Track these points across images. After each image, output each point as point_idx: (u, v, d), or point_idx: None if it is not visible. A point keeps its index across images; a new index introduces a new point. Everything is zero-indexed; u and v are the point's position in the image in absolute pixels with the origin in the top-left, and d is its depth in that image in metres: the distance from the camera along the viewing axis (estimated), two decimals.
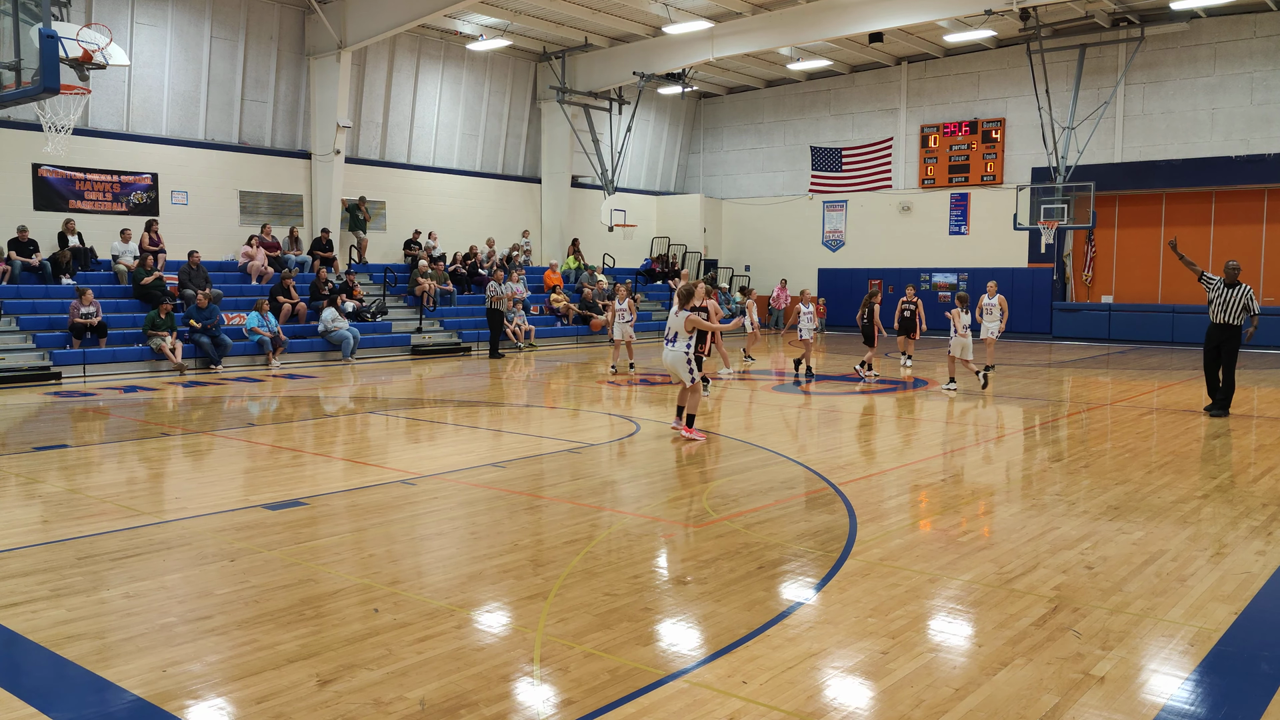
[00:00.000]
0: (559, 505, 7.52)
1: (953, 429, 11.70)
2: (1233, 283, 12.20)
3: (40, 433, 11.37)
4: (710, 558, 6.01)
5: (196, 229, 20.98)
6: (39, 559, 5.95)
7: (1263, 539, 6.48)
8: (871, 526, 6.77)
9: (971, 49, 27.53)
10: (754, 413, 12.59)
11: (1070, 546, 6.27)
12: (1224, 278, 12.27)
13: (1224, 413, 12.24)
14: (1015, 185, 25.98)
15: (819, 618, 4.97)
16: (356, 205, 23.64)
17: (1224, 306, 12.17)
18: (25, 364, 15.86)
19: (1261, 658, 4.57)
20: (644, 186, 32.62)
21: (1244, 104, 23.82)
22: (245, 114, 22.32)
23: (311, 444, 10.08)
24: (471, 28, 24.93)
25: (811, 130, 31.15)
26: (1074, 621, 4.91)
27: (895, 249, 29.36)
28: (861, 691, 4.13)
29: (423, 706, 3.93)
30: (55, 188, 19.16)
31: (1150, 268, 25.73)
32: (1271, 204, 24.04)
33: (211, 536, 6.53)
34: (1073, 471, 8.81)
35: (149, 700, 4.00)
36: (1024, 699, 4.02)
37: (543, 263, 28.60)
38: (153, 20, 20.40)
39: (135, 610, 5.05)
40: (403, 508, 7.36)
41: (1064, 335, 26.27)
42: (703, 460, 9.35)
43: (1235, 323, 12.18)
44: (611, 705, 3.94)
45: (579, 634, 4.72)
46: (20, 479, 8.37)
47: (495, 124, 27.76)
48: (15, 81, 8.35)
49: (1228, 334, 12.19)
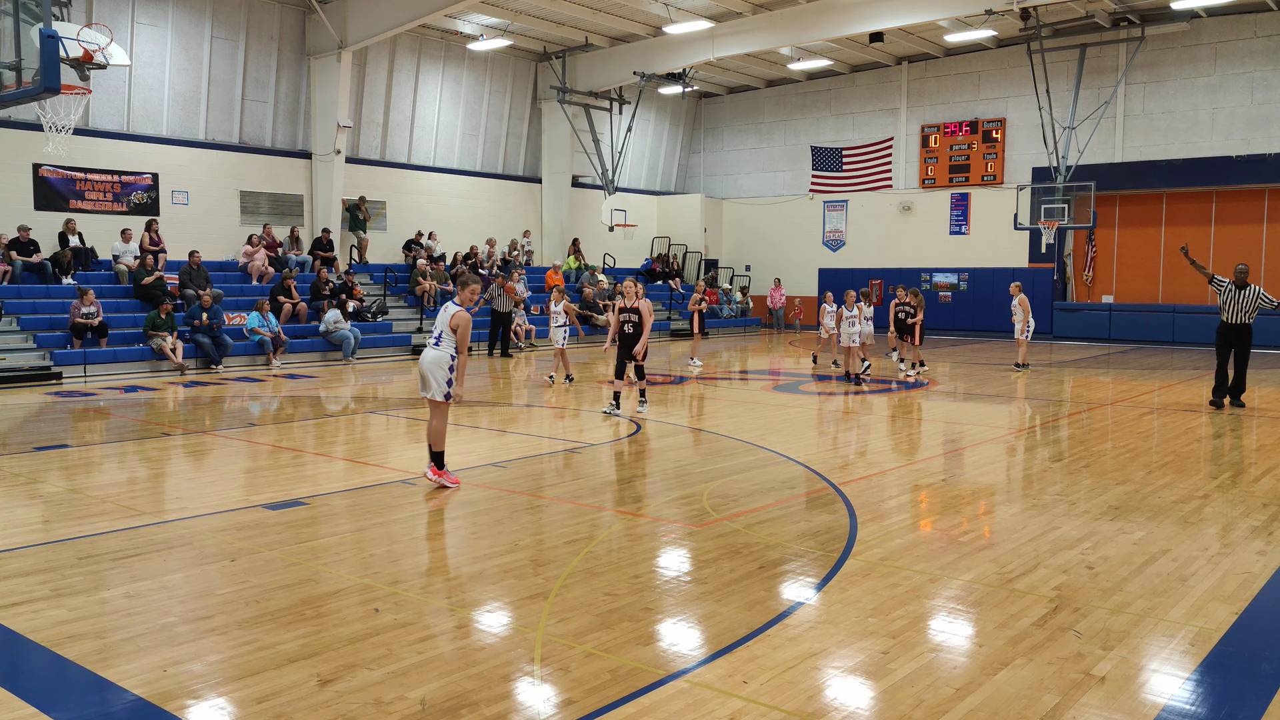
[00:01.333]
0: (559, 505, 7.51)
1: (953, 429, 11.70)
2: (1243, 284, 12.88)
3: (41, 433, 11.37)
4: (710, 558, 6.01)
5: (197, 229, 20.99)
6: (40, 559, 5.95)
7: (1263, 539, 6.48)
8: (872, 526, 6.77)
9: (972, 49, 27.53)
10: (754, 413, 12.58)
11: (1071, 546, 6.27)
12: (1234, 280, 12.92)
13: (1240, 404, 12.98)
14: (1016, 185, 25.98)
15: (819, 618, 4.97)
16: (357, 205, 23.65)
17: (1237, 307, 12.81)
18: (26, 364, 15.87)
19: (1262, 658, 4.56)
20: (644, 186, 32.62)
21: (1244, 104, 23.81)
22: (246, 114, 22.32)
23: (312, 444, 10.07)
24: (472, 28, 24.94)
25: (812, 130, 31.14)
26: (1075, 621, 4.90)
27: (896, 249, 29.36)
28: (862, 691, 4.13)
29: (423, 706, 3.93)
30: (56, 188, 19.16)
31: (1151, 268, 25.72)
32: (1272, 204, 24.03)
33: (212, 536, 6.53)
34: (1073, 471, 8.81)
35: (150, 700, 4.00)
36: (1025, 699, 4.02)
37: (543, 263, 28.60)
38: (153, 20, 20.40)
39: (136, 610, 5.05)
40: (403, 508, 7.36)
41: (1065, 335, 26.26)
42: (703, 460, 9.35)
43: (1248, 321, 12.85)
44: (612, 705, 3.94)
45: (579, 634, 4.72)
46: (21, 479, 8.37)
47: (496, 124, 27.76)
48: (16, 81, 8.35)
49: (1241, 332, 12.88)
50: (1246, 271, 12.95)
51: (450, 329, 7.85)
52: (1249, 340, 12.91)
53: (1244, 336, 12.87)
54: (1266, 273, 23.89)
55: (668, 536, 6.59)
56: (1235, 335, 12.86)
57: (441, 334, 7.93)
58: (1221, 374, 13.00)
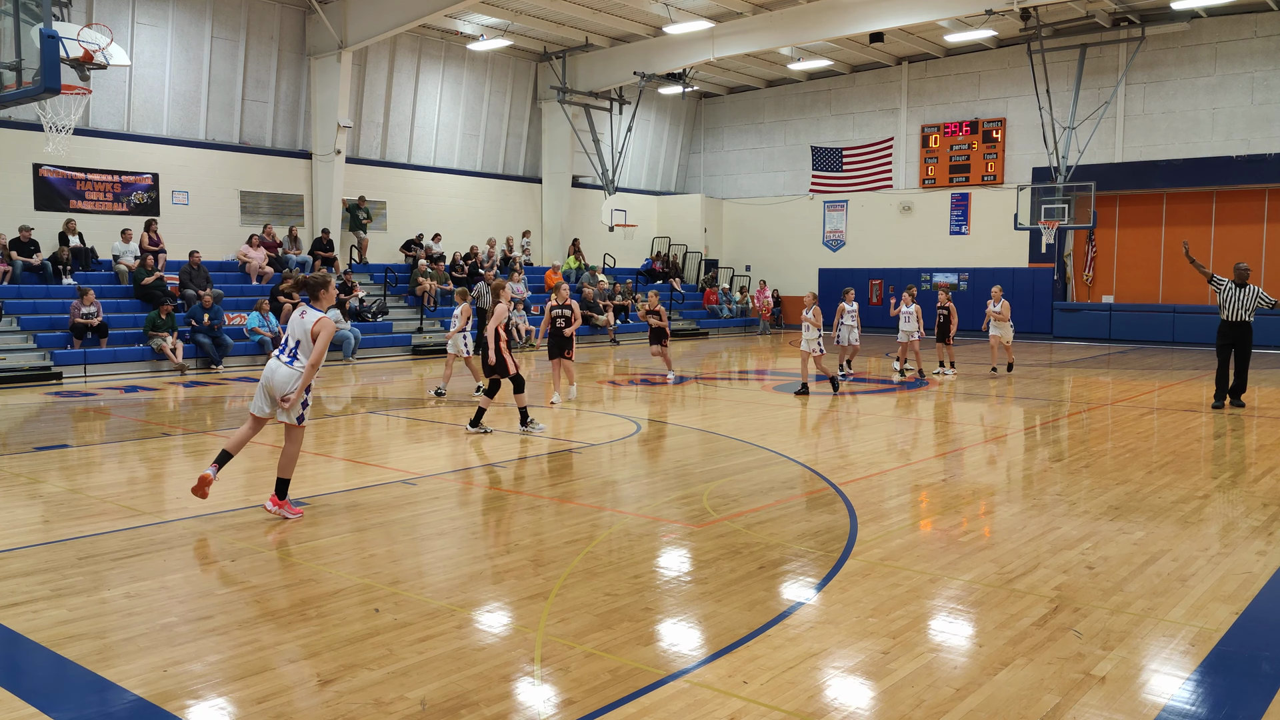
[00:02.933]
0: (559, 505, 7.51)
1: (954, 429, 11.70)
2: (1242, 283, 12.90)
3: (41, 433, 11.37)
4: (711, 558, 6.01)
5: (197, 229, 20.99)
6: (40, 559, 5.95)
7: (1263, 539, 6.48)
8: (872, 526, 6.77)
9: (972, 49, 27.52)
10: (754, 413, 12.58)
11: (1071, 546, 6.27)
12: (1234, 279, 12.95)
13: (1240, 404, 12.99)
14: (1016, 185, 25.97)
15: (820, 618, 4.97)
16: (357, 205, 23.65)
17: (1238, 306, 12.84)
18: (26, 364, 15.87)
19: (1262, 658, 4.56)
20: (644, 186, 32.62)
21: (1244, 104, 23.81)
22: (246, 114, 22.32)
23: (312, 444, 10.07)
24: (472, 28, 24.94)
25: (812, 130, 31.14)
26: (1075, 621, 4.90)
27: (896, 249, 29.35)
28: (862, 691, 4.13)
29: (423, 706, 3.93)
30: (56, 188, 19.16)
31: (1151, 268, 25.71)
32: (1272, 204, 24.03)
33: (212, 536, 6.53)
34: (1073, 471, 8.81)
35: (150, 700, 4.00)
36: (1025, 699, 4.02)
37: (543, 263, 28.60)
38: (153, 20, 20.40)
39: (136, 610, 5.05)
40: (403, 508, 7.36)
41: (1064, 335, 26.26)
42: (703, 460, 9.35)
43: (1248, 320, 12.88)
44: (612, 705, 3.94)
45: (580, 634, 4.72)
46: (21, 479, 8.37)
47: (496, 124, 27.76)
48: (16, 81, 8.34)
49: (1241, 331, 12.90)
50: (1247, 271, 12.96)
51: (310, 336, 6.87)
52: (1249, 339, 12.92)
53: (1244, 335, 12.88)
54: (1267, 273, 23.89)
55: (668, 536, 6.59)
56: (1235, 334, 12.87)
57: (299, 344, 6.90)
58: (1222, 375, 13.00)
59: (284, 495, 7.04)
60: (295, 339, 6.91)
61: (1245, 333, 12.90)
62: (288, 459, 7.02)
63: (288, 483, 7.05)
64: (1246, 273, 12.95)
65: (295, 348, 6.90)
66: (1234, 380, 13.00)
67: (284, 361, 6.90)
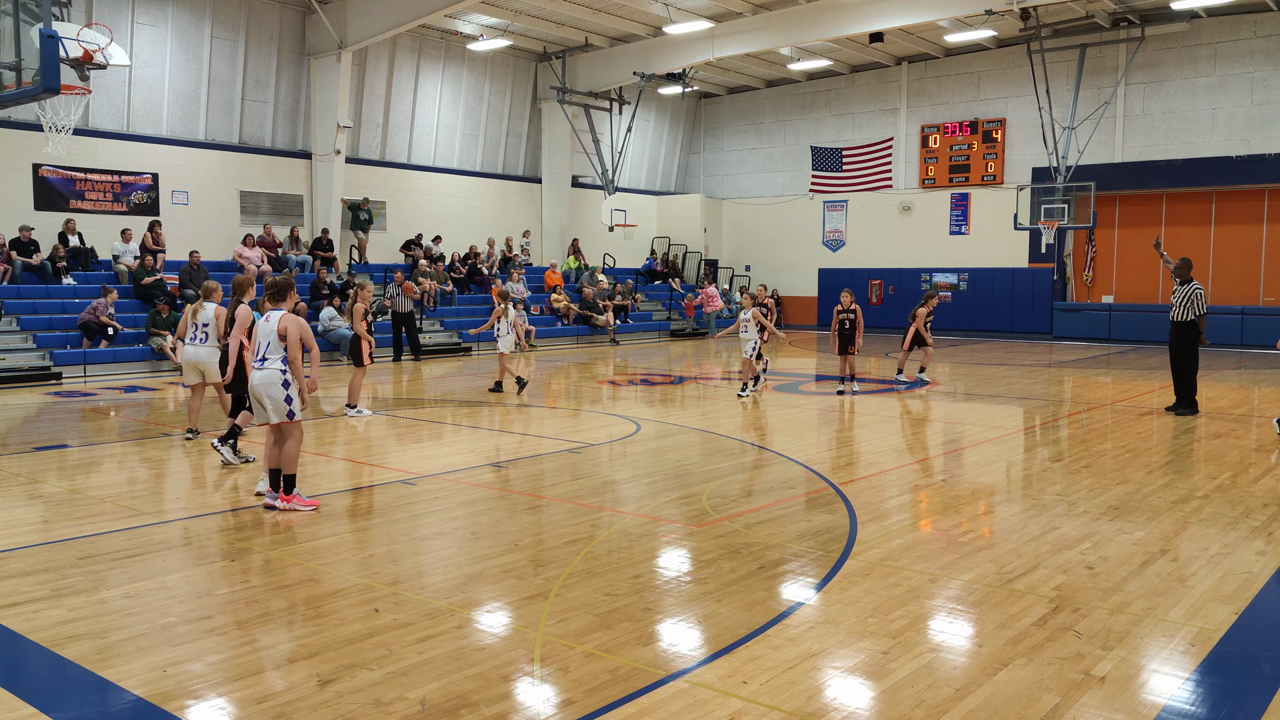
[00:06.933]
0: (559, 505, 7.51)
1: (954, 429, 11.70)
2: (1185, 279, 11.97)
3: (41, 433, 11.37)
4: (710, 558, 6.01)
5: (197, 229, 20.98)
6: (40, 559, 5.95)
7: (1263, 539, 6.48)
8: (872, 526, 6.77)
9: (972, 49, 27.52)
10: (754, 413, 12.58)
11: (1071, 546, 6.27)
12: (1178, 275, 12.05)
13: (1191, 410, 12.13)
14: (1016, 185, 25.97)
15: (819, 618, 4.97)
16: (359, 205, 23.64)
17: (1175, 304, 12.05)
18: (26, 364, 15.86)
19: (1262, 658, 4.56)
20: (644, 186, 32.62)
21: (1244, 104, 23.81)
22: (246, 114, 22.32)
23: (312, 444, 10.07)
24: (472, 28, 24.93)
25: (812, 130, 31.14)
26: (1074, 622, 4.90)
27: (896, 249, 29.35)
28: (862, 691, 4.13)
29: (423, 706, 3.93)
30: (56, 188, 19.16)
31: (1151, 268, 25.70)
32: (1272, 204, 24.03)
33: (212, 536, 6.53)
34: (1073, 471, 8.81)
35: (149, 700, 4.00)
36: (1025, 699, 4.02)
37: (543, 263, 28.60)
38: (153, 20, 20.40)
39: (136, 610, 5.05)
40: (403, 508, 7.37)
41: (1064, 335, 26.26)
42: (703, 460, 9.35)
43: (1185, 319, 11.96)
44: (612, 705, 3.94)
45: (579, 634, 4.72)
46: (21, 479, 8.37)
47: (495, 124, 27.75)
48: (16, 81, 8.34)
49: (1176, 331, 12.08)
50: (1187, 266, 12.04)
51: (279, 335, 7.07)
52: (1187, 341, 11.96)
53: (1178, 336, 11.99)
54: (1266, 272, 23.90)
55: (668, 536, 6.59)
56: (1173, 335, 12.11)
57: (269, 345, 7.09)
58: (1175, 378, 12.27)
59: (292, 490, 7.25)
60: (266, 340, 7.22)
61: (1179, 333, 11.96)
62: (289, 456, 7.22)
63: (293, 478, 7.26)
64: (1188, 268, 11.99)
65: (267, 349, 7.19)
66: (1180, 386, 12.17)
67: (256, 364, 7.23)
